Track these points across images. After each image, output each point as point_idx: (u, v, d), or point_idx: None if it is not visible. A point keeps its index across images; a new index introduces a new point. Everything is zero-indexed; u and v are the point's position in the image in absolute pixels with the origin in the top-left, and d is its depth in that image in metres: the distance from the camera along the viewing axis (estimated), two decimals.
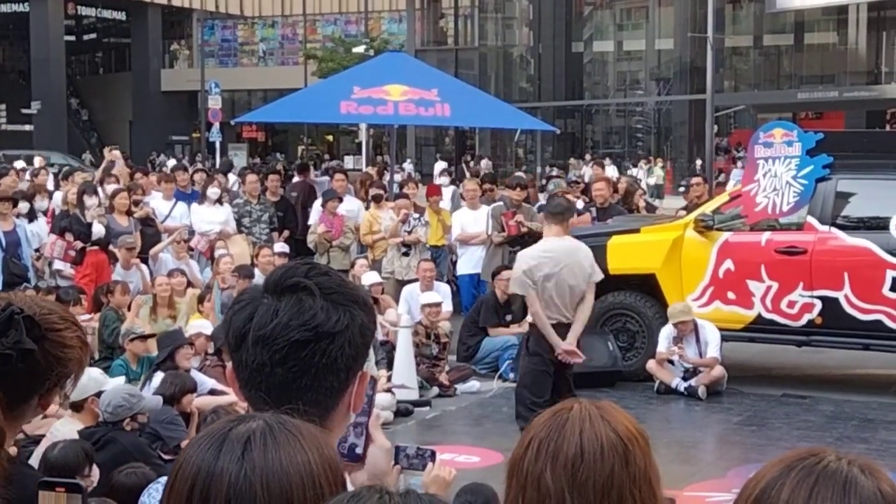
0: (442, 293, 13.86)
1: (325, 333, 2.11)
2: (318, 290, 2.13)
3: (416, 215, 15.37)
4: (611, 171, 30.63)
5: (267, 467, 1.70)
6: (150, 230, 15.15)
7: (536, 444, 2.24)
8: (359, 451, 2.34)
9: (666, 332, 12.39)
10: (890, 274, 11.81)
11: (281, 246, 15.17)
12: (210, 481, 1.70)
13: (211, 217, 15.78)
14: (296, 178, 20.06)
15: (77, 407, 7.95)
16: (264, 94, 57.65)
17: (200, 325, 11.01)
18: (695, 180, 18.10)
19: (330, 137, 65.48)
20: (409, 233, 14.99)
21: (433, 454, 2.98)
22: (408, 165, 43.02)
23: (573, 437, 2.21)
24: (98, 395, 7.86)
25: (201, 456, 1.73)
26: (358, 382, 2.18)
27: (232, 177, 22.88)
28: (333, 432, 2.15)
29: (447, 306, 13.93)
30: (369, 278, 13.53)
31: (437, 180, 22.88)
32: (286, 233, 16.64)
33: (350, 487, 2.33)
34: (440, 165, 36.32)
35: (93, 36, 74.62)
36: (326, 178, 20.20)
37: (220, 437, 1.75)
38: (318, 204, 16.41)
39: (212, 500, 1.69)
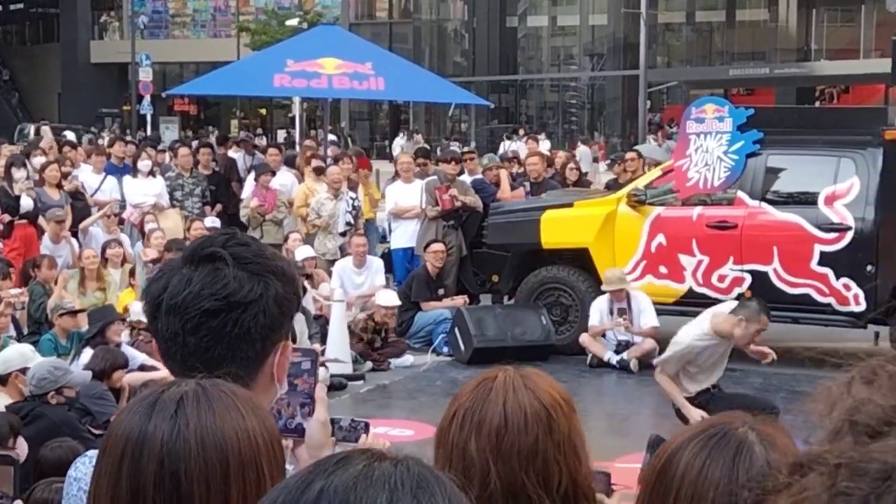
0: (374, 268, 13.85)
1: (238, 303, 2.09)
2: (233, 260, 2.12)
3: (353, 195, 15.30)
4: (545, 146, 30.69)
5: (201, 425, 1.69)
6: (79, 204, 14.95)
7: (462, 414, 2.26)
8: (303, 424, 2.34)
9: (598, 305, 12.47)
10: (818, 248, 11.97)
11: (212, 220, 15.05)
12: (143, 441, 1.68)
13: (145, 190, 15.62)
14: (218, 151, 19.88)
15: (2, 381, 7.84)
16: (196, 66, 57.01)
17: (137, 311, 10.87)
18: (629, 155, 18.19)
19: (263, 111, 64.99)
20: (354, 216, 14.95)
21: (367, 426, 2.98)
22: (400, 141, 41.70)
23: (497, 407, 2.23)
24: (24, 370, 7.75)
25: (133, 419, 1.71)
26: (279, 353, 2.17)
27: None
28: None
29: (380, 280, 13.91)
30: (303, 252, 13.46)
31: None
32: (218, 206, 16.51)
33: (290, 460, 2.32)
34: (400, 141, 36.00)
35: (20, 6, 73.29)
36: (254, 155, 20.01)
37: (151, 400, 1.73)
38: (251, 178, 16.29)
39: (145, 461, 1.67)
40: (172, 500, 1.66)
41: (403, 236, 15.17)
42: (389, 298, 12.68)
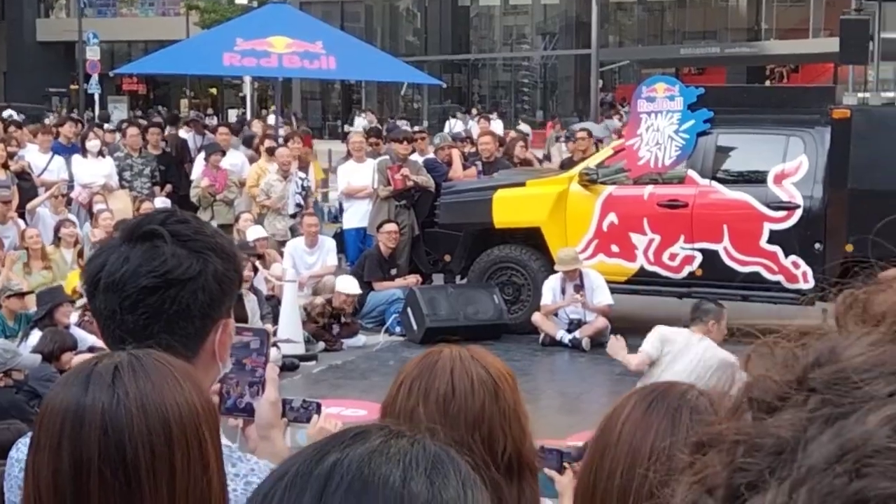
0: (326, 248, 13.80)
1: (176, 280, 2.08)
2: (172, 237, 2.10)
3: (302, 175, 15.23)
4: (497, 125, 30.69)
5: (140, 392, 1.69)
6: (26, 184, 14.77)
7: (409, 383, 2.30)
8: (253, 404, 2.34)
9: (550, 284, 12.51)
10: (767, 227, 12.06)
11: (162, 201, 14.93)
12: (82, 413, 1.67)
13: (94, 170, 15.47)
14: (168, 131, 19.75)
15: None
16: (145, 45, 56.46)
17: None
18: (580, 134, 18.22)
19: (213, 90, 64.49)
20: (304, 196, 14.88)
21: (318, 406, 2.98)
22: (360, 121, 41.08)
23: (444, 375, 2.28)
24: None
25: (69, 392, 1.70)
26: (221, 331, 2.15)
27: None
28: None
29: (332, 259, 13.88)
30: (254, 233, 13.39)
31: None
32: (168, 187, 16.38)
33: (239, 439, 2.31)
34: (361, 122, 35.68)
35: None
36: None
37: (85, 373, 1.73)
38: (200, 158, 16.18)
39: (86, 432, 1.66)
40: (118, 468, 1.66)
41: (356, 216, 15.13)
42: (350, 286, 12.65)
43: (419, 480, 1.08)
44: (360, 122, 35.60)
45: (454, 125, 32.40)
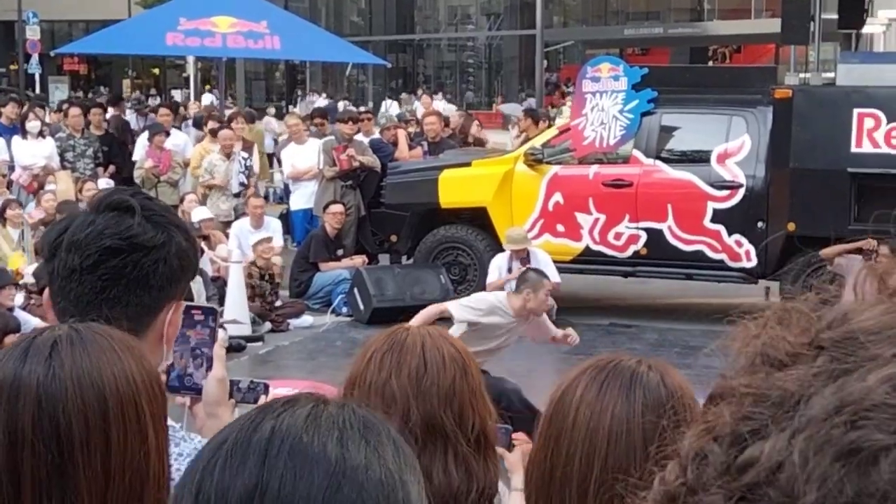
0: (272, 229, 13.75)
1: (140, 245, 2.09)
2: (139, 209, 2.12)
3: (245, 154, 15.15)
4: (442, 105, 30.69)
5: (76, 365, 1.69)
6: None
7: (379, 357, 2.33)
8: (200, 382, 2.33)
9: (497, 263, 12.53)
10: (710, 206, 12.18)
11: (106, 182, 14.77)
12: (18, 385, 1.67)
13: (34, 151, 15.27)
14: (110, 112, 19.55)
15: None
16: (86, 24, 55.78)
17: (30, 273, 10.67)
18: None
19: (156, 71, 63.84)
20: (247, 175, 14.80)
21: (266, 387, 2.98)
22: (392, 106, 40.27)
23: (416, 350, 2.32)
24: None
25: (7, 365, 1.70)
26: (172, 312, 2.16)
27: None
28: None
29: (278, 241, 13.83)
30: (199, 214, 13.31)
31: None
32: (112, 168, 16.23)
33: (187, 418, 2.31)
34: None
35: None
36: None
37: (24, 346, 1.73)
38: (143, 138, 16.04)
39: (21, 405, 1.66)
40: (52, 441, 1.66)
41: (302, 198, 15.08)
42: (256, 236, 12.72)
43: (356, 442, 1.12)
44: (320, 101, 35.35)
45: (390, 106, 32.38)
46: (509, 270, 12.49)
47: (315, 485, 1.07)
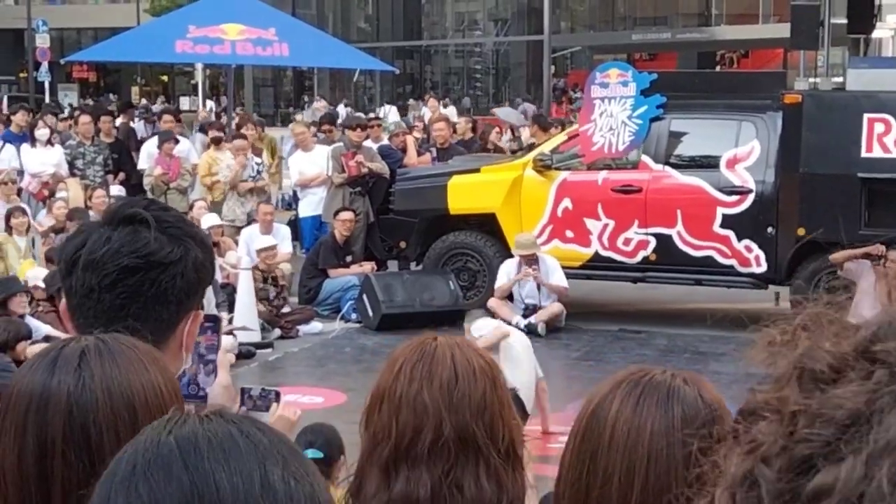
0: (281, 235, 13.76)
1: (157, 262, 2.09)
2: (155, 222, 2.11)
3: (258, 160, 15.17)
4: (450, 111, 30.70)
5: (106, 376, 1.70)
6: None
7: (409, 368, 2.29)
8: (206, 389, 2.33)
9: (506, 268, 12.54)
10: (720, 211, 12.17)
11: (119, 189, 14.82)
12: (48, 396, 1.68)
13: (44, 159, 15.33)
14: (119, 119, 19.62)
15: None
16: (95, 32, 55.90)
17: (35, 276, 10.68)
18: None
19: (165, 78, 63.97)
20: (255, 179, 14.81)
21: (278, 395, 2.99)
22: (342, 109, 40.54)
23: (446, 361, 2.28)
24: None
25: (35, 375, 1.71)
26: (191, 322, 2.16)
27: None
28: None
29: (287, 248, 13.84)
30: (209, 220, 13.32)
31: None
32: (122, 175, 16.27)
33: None
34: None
35: None
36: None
37: (52, 356, 1.73)
38: (150, 145, 16.10)
39: (51, 415, 1.67)
40: (82, 450, 1.67)
41: (311, 205, 15.09)
42: (264, 241, 12.72)
43: (254, 431, 1.14)
44: (342, 110, 35.39)
45: (388, 111, 32.47)
46: (534, 262, 12.48)
47: (245, 474, 1.09)
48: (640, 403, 1.92)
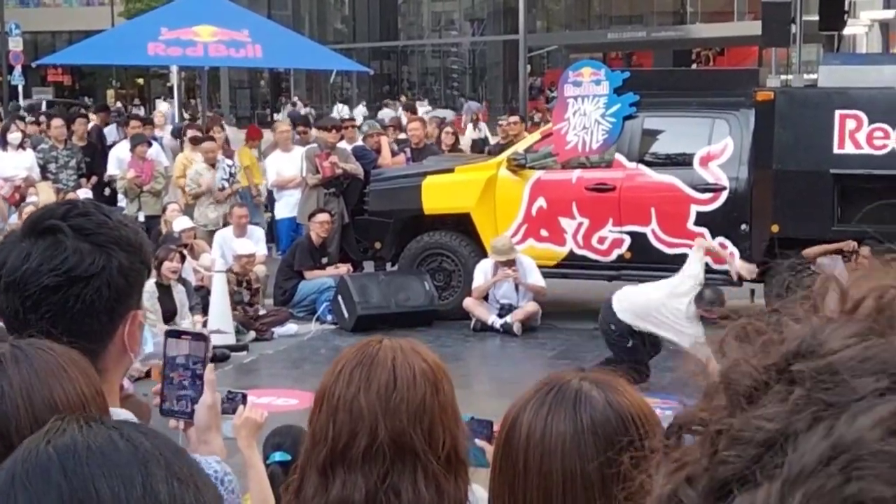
0: (255, 237, 13.72)
1: (78, 277, 2.05)
2: (73, 232, 2.07)
3: (230, 162, 15.11)
4: (425, 111, 30.74)
5: (25, 383, 1.68)
6: None
7: (349, 371, 2.28)
8: (191, 407, 2.34)
9: (482, 268, 12.53)
10: (694, 208, 12.18)
11: (84, 192, 14.73)
12: None
13: (16, 163, 15.24)
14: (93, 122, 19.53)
15: None
16: (69, 35, 55.67)
17: None
18: (512, 119, 18.28)
19: (140, 81, 63.78)
20: (230, 182, 14.75)
21: (244, 397, 2.98)
22: (360, 110, 40.35)
23: (386, 364, 2.27)
24: None
25: None
26: (129, 323, 2.13)
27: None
28: (107, 373, 2.10)
29: (262, 250, 13.80)
30: (181, 223, 13.28)
31: None
32: (94, 179, 16.19)
33: (182, 441, 2.31)
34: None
35: None
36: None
37: None
38: (121, 149, 16.05)
39: None
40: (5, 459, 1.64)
41: (287, 206, 15.07)
42: (244, 246, 12.67)
43: (136, 437, 1.14)
44: (341, 109, 35.51)
45: (341, 110, 32.78)
46: (494, 276, 12.49)
47: (126, 478, 1.09)
48: (549, 422, 1.93)
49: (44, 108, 29.97)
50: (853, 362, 0.62)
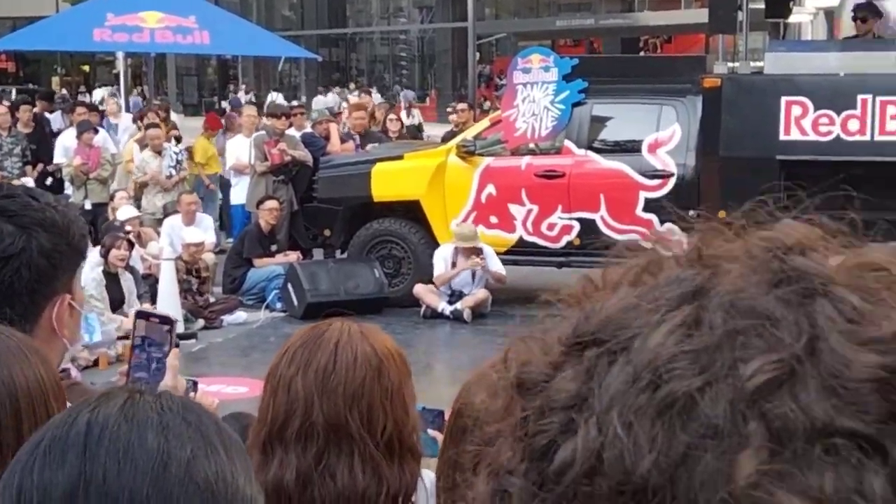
0: (204, 226, 13.64)
1: None
2: None
3: (176, 149, 15.00)
4: (376, 98, 30.70)
5: None
6: None
7: (292, 353, 2.32)
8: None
9: (442, 254, 12.52)
10: (643, 195, 12.25)
11: (28, 181, 14.58)
12: None
13: None
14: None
15: None
16: (13, 21, 54.99)
17: None
18: (460, 106, 18.30)
19: (86, 67, 63.08)
20: (177, 169, 14.64)
21: (195, 384, 2.98)
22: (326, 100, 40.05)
23: (328, 347, 2.29)
24: None
25: None
26: (58, 306, 2.12)
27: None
28: None
29: (210, 238, 13.72)
30: (126, 212, 13.16)
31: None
32: (40, 166, 16.02)
33: None
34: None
35: None
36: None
37: None
38: (64, 139, 15.88)
39: None
40: None
41: (243, 191, 14.97)
42: (193, 234, 12.61)
43: (176, 421, 1.13)
44: (324, 99, 35.44)
45: (276, 98, 32.97)
46: (454, 264, 12.49)
47: (139, 471, 1.07)
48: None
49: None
50: (628, 308, 0.64)
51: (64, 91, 41.00)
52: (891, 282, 0.63)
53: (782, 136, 11.75)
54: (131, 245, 11.69)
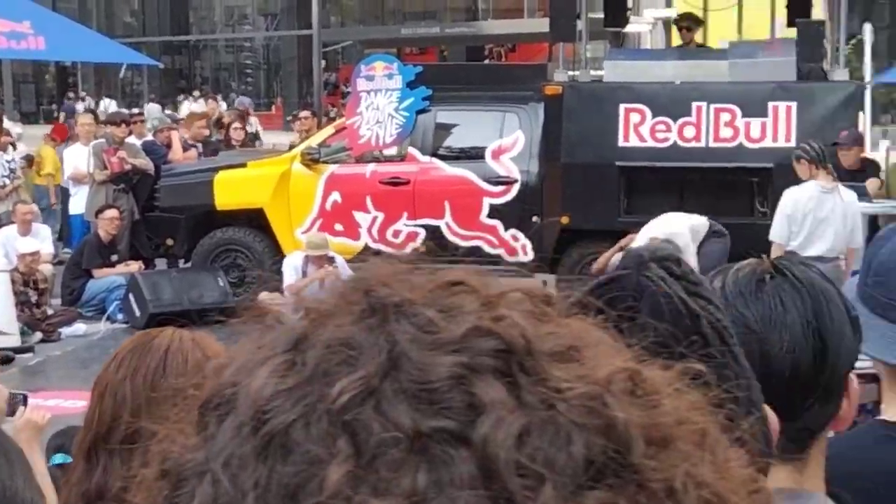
0: (41, 236, 13.28)
1: None
2: None
3: (10, 158, 14.59)
4: (199, 105, 30.42)
5: None
6: None
7: (120, 359, 2.29)
8: None
9: (292, 262, 12.40)
10: (487, 201, 12.37)
11: None
12: None
13: None
14: None
15: None
16: None
17: None
18: (303, 114, 18.20)
19: None
20: (10, 178, 14.22)
21: (25, 398, 2.90)
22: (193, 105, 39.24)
23: (158, 353, 2.26)
24: None
25: None
26: None
27: None
28: None
29: (48, 248, 13.36)
30: None
31: None
32: None
33: None
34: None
35: None
36: None
37: None
38: None
39: None
40: None
41: (82, 201, 14.61)
42: (28, 245, 12.30)
43: None
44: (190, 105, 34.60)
45: (108, 105, 32.44)
46: (304, 273, 12.38)
47: None
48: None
49: None
50: (238, 371, 0.67)
51: None
52: (470, 290, 0.68)
53: (621, 143, 12.00)
54: None
